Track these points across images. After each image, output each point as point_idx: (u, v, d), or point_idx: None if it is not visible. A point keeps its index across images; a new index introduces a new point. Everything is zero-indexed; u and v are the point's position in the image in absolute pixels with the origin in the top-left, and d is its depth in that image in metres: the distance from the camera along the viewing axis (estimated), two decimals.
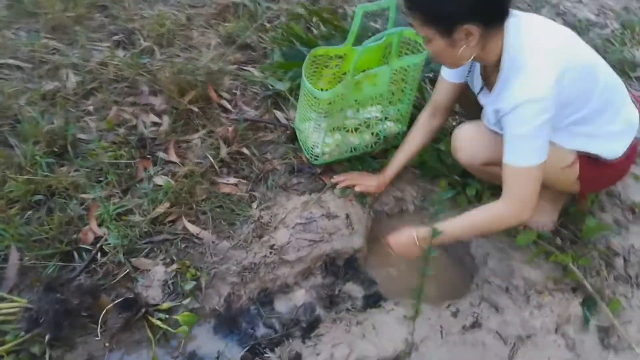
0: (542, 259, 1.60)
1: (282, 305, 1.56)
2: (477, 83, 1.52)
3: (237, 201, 1.79)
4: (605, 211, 1.83)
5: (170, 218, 1.72)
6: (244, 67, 2.51)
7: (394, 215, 1.86)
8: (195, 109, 2.17)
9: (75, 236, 1.62)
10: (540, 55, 1.28)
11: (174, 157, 1.97)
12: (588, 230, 1.63)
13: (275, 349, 1.41)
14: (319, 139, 1.83)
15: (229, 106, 2.25)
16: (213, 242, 1.66)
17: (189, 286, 1.50)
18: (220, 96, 2.27)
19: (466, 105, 1.85)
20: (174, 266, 1.56)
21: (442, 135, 1.92)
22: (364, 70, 1.91)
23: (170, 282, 1.52)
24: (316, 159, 1.88)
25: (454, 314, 1.48)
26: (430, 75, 2.31)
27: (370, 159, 1.96)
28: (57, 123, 1.97)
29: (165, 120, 2.14)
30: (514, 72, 1.29)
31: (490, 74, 1.42)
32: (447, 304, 1.52)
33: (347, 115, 1.86)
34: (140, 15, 2.84)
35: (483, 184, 1.76)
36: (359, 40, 1.77)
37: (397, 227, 1.55)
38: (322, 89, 1.79)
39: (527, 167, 1.31)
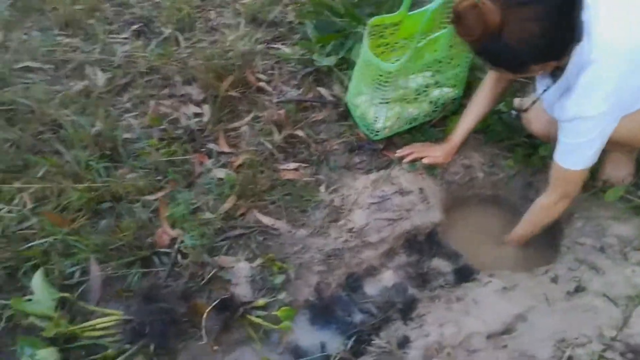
0: (631, 214, 1.56)
1: (372, 289, 1.53)
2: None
3: (304, 187, 1.73)
4: None
5: (240, 211, 1.66)
6: (273, 46, 2.40)
7: (464, 184, 1.81)
8: (236, 95, 2.09)
9: (149, 240, 1.56)
10: (607, 63, 1.20)
11: (226, 148, 1.90)
12: None
13: (380, 333, 1.38)
14: (380, 112, 1.76)
15: (268, 88, 2.16)
16: (289, 231, 1.61)
17: (279, 280, 1.45)
18: (258, 79, 2.18)
19: None
20: (258, 261, 1.51)
21: None
22: (412, 36, 1.83)
23: (258, 277, 1.48)
24: (377, 134, 1.82)
25: (554, 280, 1.45)
26: None
27: (430, 128, 1.90)
28: (101, 125, 1.88)
29: (207, 109, 2.06)
30: (575, 80, 1.24)
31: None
32: (544, 271, 1.49)
33: (399, 85, 1.78)
34: (152, 0, 2.71)
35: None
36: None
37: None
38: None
39: (576, 170, 1.36)
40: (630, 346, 1.24)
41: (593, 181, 1.64)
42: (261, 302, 1.40)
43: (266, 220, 1.63)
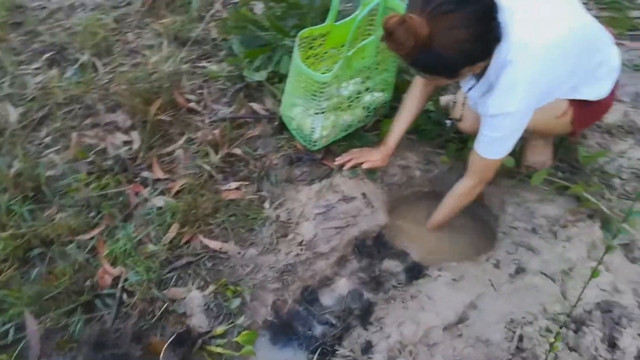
0: (555, 195, 1.68)
1: (328, 299, 1.54)
2: None
3: (248, 205, 1.71)
4: (587, 138, 1.95)
5: (185, 239, 1.61)
6: (199, 64, 2.36)
7: (403, 184, 1.87)
8: (166, 118, 2.03)
9: (89, 283, 1.47)
10: (523, 63, 1.29)
11: (161, 174, 1.84)
12: (586, 159, 1.73)
13: (343, 343, 1.39)
14: (316, 123, 1.78)
15: (199, 108, 2.12)
16: (239, 253, 1.58)
17: (234, 304, 1.43)
18: (188, 100, 2.13)
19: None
20: (211, 288, 1.47)
21: None
22: (342, 46, 1.88)
23: (212, 304, 1.44)
24: (315, 145, 1.83)
25: (496, 265, 1.53)
26: None
27: (365, 133, 1.94)
28: (19, 164, 1.75)
29: (136, 136, 1.99)
30: (496, 79, 1.34)
31: None
32: (486, 258, 1.57)
33: (333, 94, 1.82)
34: (62, 26, 2.57)
35: None
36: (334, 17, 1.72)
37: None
38: None
39: (494, 159, 1.47)
40: (572, 317, 1.33)
41: (518, 168, 1.75)
42: (219, 330, 1.37)
43: (213, 244, 1.60)
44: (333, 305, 1.52)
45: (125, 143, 1.96)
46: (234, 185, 1.79)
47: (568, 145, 1.85)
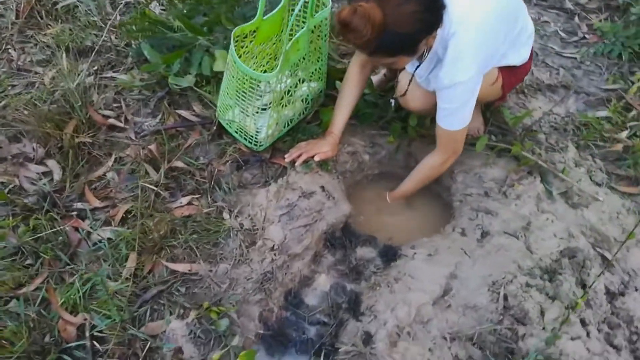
0: (496, 158, 1.80)
1: (313, 299, 1.51)
2: None
3: (206, 219, 1.61)
4: (507, 100, 2.11)
5: (147, 268, 1.47)
6: (105, 75, 2.15)
7: (355, 170, 1.88)
8: (86, 140, 1.82)
9: (51, 339, 1.29)
10: (464, 34, 1.38)
11: (97, 202, 1.65)
12: (515, 120, 1.88)
13: (342, 339, 1.38)
14: (261, 122, 1.71)
15: (120, 123, 1.93)
16: (210, 271, 1.49)
17: (223, 325, 1.34)
18: (105, 116, 1.93)
19: None
20: (193, 314, 1.36)
21: None
22: (270, 40, 1.82)
23: (199, 331, 1.34)
24: (260, 145, 1.77)
25: (463, 233, 1.61)
26: None
27: (306, 125, 1.91)
28: None
29: (54, 165, 1.76)
30: (443, 53, 1.41)
31: None
32: (452, 228, 1.64)
33: (276, 90, 1.76)
34: None
35: None
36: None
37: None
38: None
39: (457, 130, 1.55)
40: (542, 269, 1.45)
41: None
42: (215, 356, 1.28)
43: (181, 267, 1.48)
44: (319, 303, 1.49)
45: (44, 174, 1.72)
46: (184, 200, 1.66)
47: (494, 110, 1.99)
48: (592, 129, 1.98)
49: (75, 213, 1.60)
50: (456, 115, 1.51)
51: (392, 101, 1.80)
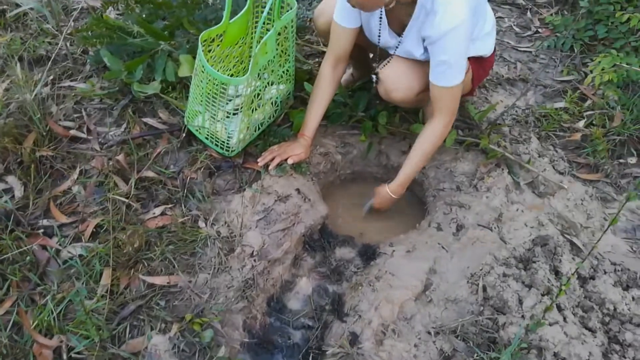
0: (464, 152, 1.85)
1: (296, 303, 1.51)
2: (375, 25, 1.59)
3: (182, 229, 1.57)
4: (474, 94, 2.16)
5: (124, 283, 1.42)
6: (63, 85, 2.06)
7: (328, 171, 1.88)
8: (48, 153, 1.74)
9: None
10: None
11: (64, 218, 1.59)
12: (480, 115, 1.93)
13: (328, 340, 1.38)
14: (232, 127, 1.69)
15: (82, 134, 1.86)
16: (190, 281, 1.45)
17: (207, 337, 1.31)
18: (66, 127, 1.85)
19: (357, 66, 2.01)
20: (175, 327, 1.33)
21: None
22: (236, 43, 1.80)
23: (182, 345, 1.31)
24: (232, 151, 1.74)
25: (439, 228, 1.65)
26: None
27: (277, 127, 1.90)
28: None
29: (15, 182, 1.68)
30: (432, 4, 1.40)
31: (399, 13, 1.49)
32: (427, 223, 1.67)
33: (246, 94, 1.73)
34: None
35: (389, 108, 1.88)
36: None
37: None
38: None
39: (455, 85, 1.51)
40: (517, 258, 1.50)
41: None
42: None
43: (158, 280, 1.44)
44: (302, 307, 1.49)
45: (5, 192, 1.64)
46: (157, 211, 1.62)
47: (459, 105, 2.04)
48: (552, 119, 2.07)
49: (41, 231, 1.53)
50: (454, 68, 1.47)
51: (374, 77, 1.76)
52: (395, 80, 1.62)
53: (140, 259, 1.48)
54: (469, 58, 1.65)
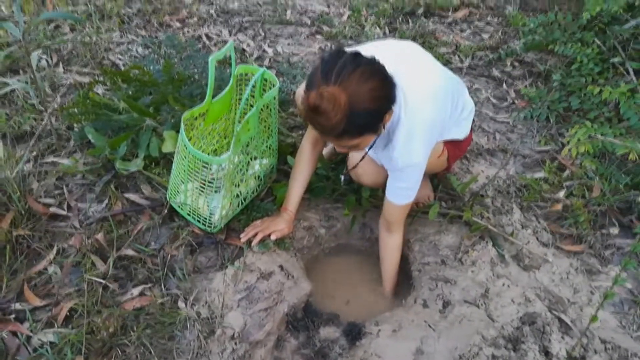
0: (448, 225, 1.85)
1: None
2: None
3: (160, 310, 1.52)
4: (450, 171, 2.20)
5: None
6: (46, 161, 2.06)
7: (312, 246, 1.86)
8: (25, 232, 1.71)
9: None
10: (414, 117, 1.44)
11: (38, 301, 1.53)
12: (462, 187, 1.95)
13: None
14: (215, 203, 1.68)
15: (62, 212, 1.83)
16: None
17: None
18: (46, 204, 1.83)
19: None
20: None
21: None
22: (220, 119, 1.83)
23: None
24: (215, 227, 1.73)
25: (425, 305, 1.61)
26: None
27: (260, 202, 1.90)
28: None
29: None
30: (393, 134, 1.47)
31: None
32: (413, 300, 1.64)
33: (229, 172, 1.74)
34: None
35: None
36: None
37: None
38: None
39: (407, 203, 1.61)
40: (506, 337, 1.46)
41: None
42: None
43: None
44: None
45: None
46: (135, 291, 1.57)
47: (441, 177, 2.07)
48: (532, 190, 2.09)
49: (13, 316, 1.47)
50: (410, 191, 1.57)
51: (342, 177, 1.82)
52: (365, 165, 1.69)
53: (114, 344, 1.41)
54: (445, 141, 1.70)
